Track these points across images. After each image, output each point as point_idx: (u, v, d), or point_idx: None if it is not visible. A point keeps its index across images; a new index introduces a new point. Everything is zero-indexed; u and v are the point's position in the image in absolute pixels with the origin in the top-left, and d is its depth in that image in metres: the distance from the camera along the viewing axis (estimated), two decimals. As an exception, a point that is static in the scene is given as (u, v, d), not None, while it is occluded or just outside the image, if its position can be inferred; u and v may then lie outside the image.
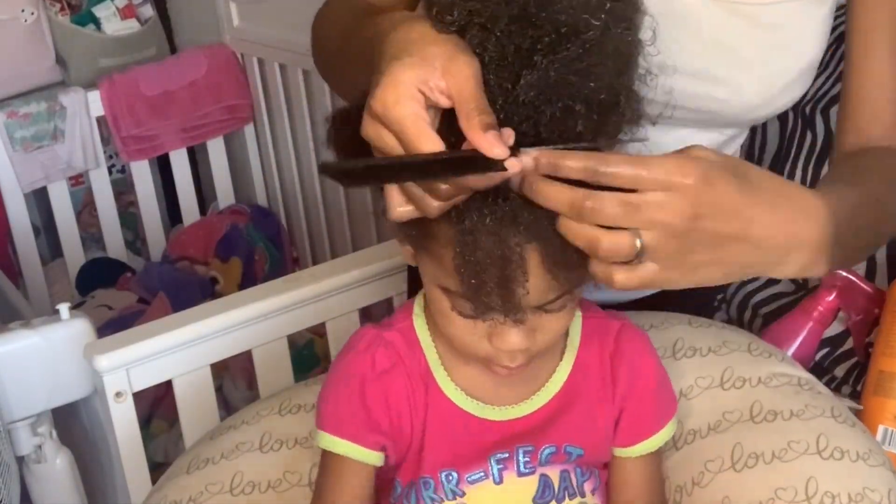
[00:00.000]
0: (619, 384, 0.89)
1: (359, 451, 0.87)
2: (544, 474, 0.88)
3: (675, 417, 0.92)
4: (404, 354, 0.87)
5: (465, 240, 0.72)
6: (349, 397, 0.87)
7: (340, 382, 0.88)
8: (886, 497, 0.90)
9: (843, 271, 1.21)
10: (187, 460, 1.07)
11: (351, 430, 0.87)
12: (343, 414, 0.88)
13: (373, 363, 0.87)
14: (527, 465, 0.87)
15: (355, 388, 0.87)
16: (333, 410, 0.88)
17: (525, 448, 0.87)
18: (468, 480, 0.87)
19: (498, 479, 0.87)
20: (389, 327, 0.89)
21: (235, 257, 2.29)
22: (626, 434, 0.90)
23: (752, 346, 1.05)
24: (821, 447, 0.93)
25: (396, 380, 0.86)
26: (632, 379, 0.90)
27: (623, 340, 0.90)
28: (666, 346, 1.05)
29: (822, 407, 0.97)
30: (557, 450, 0.88)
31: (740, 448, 0.95)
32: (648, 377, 0.90)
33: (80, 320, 1.25)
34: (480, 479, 0.87)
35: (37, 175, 2.24)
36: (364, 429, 0.87)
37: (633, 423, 0.90)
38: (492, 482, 0.87)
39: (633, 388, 0.90)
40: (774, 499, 0.90)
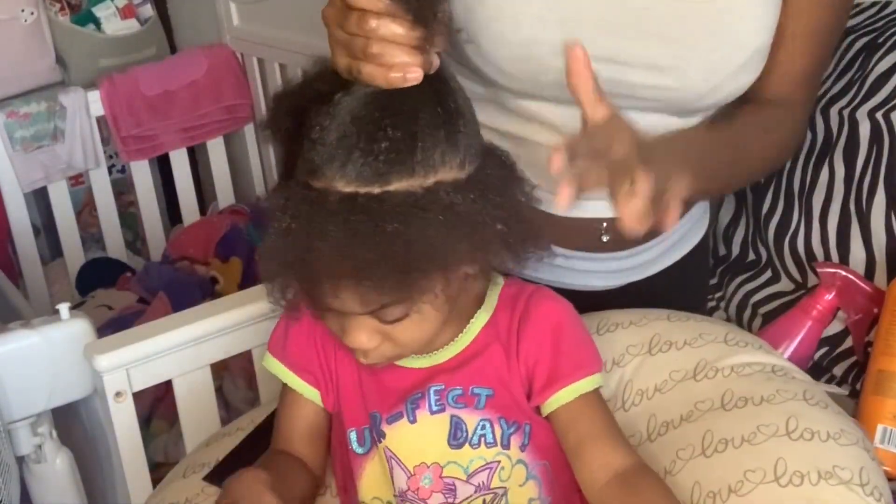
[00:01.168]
0: (522, 343, 0.93)
1: (294, 379, 0.96)
2: (455, 415, 0.92)
3: (599, 374, 0.94)
4: None
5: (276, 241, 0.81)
6: (293, 330, 0.97)
7: (282, 321, 0.98)
8: (857, 474, 0.90)
9: (842, 270, 1.21)
10: (184, 466, 1.08)
11: (290, 359, 0.97)
12: (286, 343, 0.97)
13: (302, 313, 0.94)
14: (437, 403, 0.92)
15: (298, 325, 0.96)
16: (279, 337, 0.98)
17: (435, 387, 0.92)
18: (387, 421, 0.92)
19: (412, 419, 0.92)
20: None
21: (235, 257, 2.29)
22: (540, 391, 0.92)
23: (728, 337, 1.06)
24: (790, 429, 0.94)
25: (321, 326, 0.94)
26: (537, 338, 0.93)
27: (532, 301, 0.94)
28: (643, 342, 1.06)
29: (794, 391, 0.98)
30: (464, 392, 0.92)
31: (710, 435, 0.96)
32: (557, 333, 0.93)
33: (80, 320, 1.25)
34: (397, 418, 0.92)
35: (37, 175, 2.24)
36: (300, 362, 0.96)
37: (545, 379, 0.92)
38: (407, 421, 0.92)
39: (539, 345, 0.92)
40: (744, 481, 0.91)
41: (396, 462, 0.92)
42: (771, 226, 1.39)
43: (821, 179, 1.34)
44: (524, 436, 0.92)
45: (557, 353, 0.92)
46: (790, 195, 1.38)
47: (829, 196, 1.33)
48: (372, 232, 0.78)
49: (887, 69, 1.32)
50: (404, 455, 0.92)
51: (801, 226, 1.35)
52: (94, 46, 2.43)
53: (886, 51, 1.34)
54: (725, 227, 1.52)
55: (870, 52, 1.35)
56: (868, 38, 1.37)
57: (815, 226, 1.33)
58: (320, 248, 0.78)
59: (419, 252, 0.79)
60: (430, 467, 0.91)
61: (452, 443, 0.91)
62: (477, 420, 0.92)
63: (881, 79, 1.32)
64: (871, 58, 1.35)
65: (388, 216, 0.78)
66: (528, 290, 0.96)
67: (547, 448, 0.93)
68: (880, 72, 1.33)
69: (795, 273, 1.36)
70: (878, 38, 1.36)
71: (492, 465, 0.91)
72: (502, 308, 0.94)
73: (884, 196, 1.27)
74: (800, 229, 1.35)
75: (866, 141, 1.30)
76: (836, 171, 1.33)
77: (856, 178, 1.30)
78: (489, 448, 0.91)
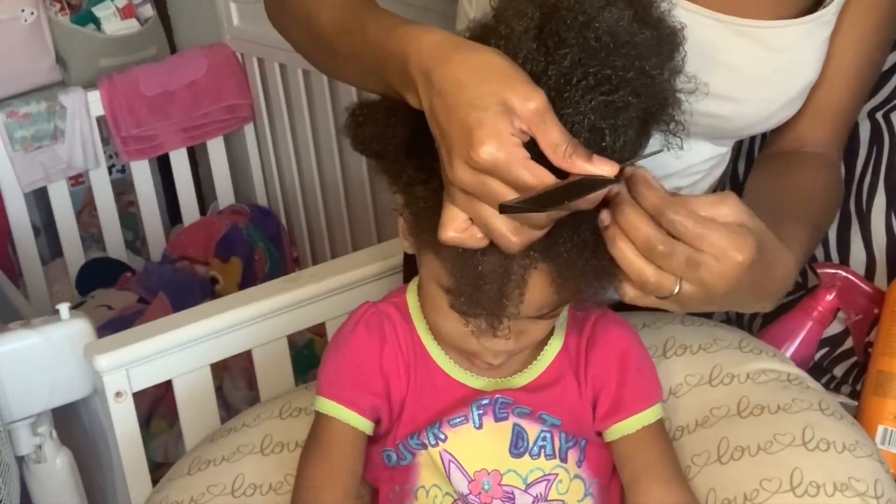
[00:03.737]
0: (591, 368, 0.93)
1: (350, 415, 0.92)
2: (518, 424, 0.92)
3: (660, 404, 0.94)
4: (397, 324, 0.93)
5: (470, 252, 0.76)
6: (345, 363, 0.93)
7: (334, 351, 0.94)
8: (872, 487, 0.91)
9: (842, 271, 1.21)
10: (188, 462, 1.07)
11: (345, 394, 0.92)
12: (339, 379, 0.93)
13: (364, 332, 0.93)
14: (501, 410, 0.91)
15: (350, 354, 0.93)
16: (330, 375, 0.94)
17: (503, 399, 0.92)
18: (450, 424, 0.91)
19: (478, 424, 0.92)
20: (385, 301, 0.96)
21: (235, 257, 2.29)
22: (603, 418, 0.93)
23: (742, 343, 1.06)
24: (806, 439, 0.94)
25: (389, 346, 0.92)
26: (604, 364, 0.93)
27: (599, 326, 0.94)
28: (657, 344, 1.06)
29: (810, 401, 0.98)
30: (532, 412, 0.92)
31: (726, 442, 0.97)
32: (624, 362, 0.93)
33: (80, 320, 1.25)
34: (461, 422, 0.91)
35: (37, 175, 2.24)
36: (358, 392, 0.92)
37: (609, 406, 0.93)
38: (472, 426, 0.91)
39: (606, 372, 0.93)
40: (759, 490, 0.91)
41: (456, 466, 0.91)
42: (771, 226, 1.39)
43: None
44: (580, 451, 0.93)
45: (623, 382, 0.93)
46: (790, 195, 1.38)
47: (829, 196, 1.33)
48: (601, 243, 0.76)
49: (887, 69, 1.32)
50: (465, 459, 0.91)
51: (801, 226, 1.35)
52: (94, 46, 2.43)
53: (886, 51, 1.34)
54: (725, 227, 1.52)
55: (870, 52, 1.35)
56: (868, 39, 1.37)
57: (815, 226, 1.33)
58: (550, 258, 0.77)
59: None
60: (490, 474, 0.91)
61: (513, 451, 0.91)
62: (538, 431, 0.92)
63: (881, 79, 1.32)
64: (871, 58, 1.34)
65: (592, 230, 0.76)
66: (594, 312, 0.95)
67: (600, 466, 0.94)
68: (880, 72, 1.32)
69: (796, 273, 1.36)
70: (878, 38, 1.36)
71: (549, 477, 0.92)
72: (570, 332, 0.94)
73: (884, 196, 1.27)
74: (800, 229, 1.35)
75: (866, 141, 1.30)
76: (837, 171, 1.33)
77: (856, 179, 1.30)
78: (548, 460, 0.92)
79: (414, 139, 0.81)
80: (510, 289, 0.77)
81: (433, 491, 0.92)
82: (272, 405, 1.11)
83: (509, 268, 0.76)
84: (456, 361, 0.93)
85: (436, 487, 0.92)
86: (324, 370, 0.95)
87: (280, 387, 1.28)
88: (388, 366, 0.92)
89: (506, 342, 0.84)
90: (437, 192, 0.78)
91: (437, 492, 0.92)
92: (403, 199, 0.84)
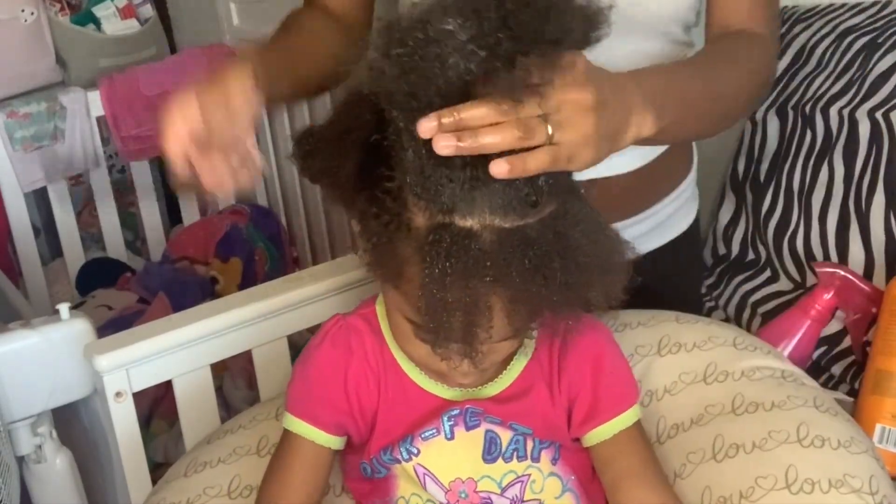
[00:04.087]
0: (564, 375, 0.93)
1: (313, 431, 0.92)
2: (490, 430, 0.92)
3: (636, 406, 0.94)
4: (366, 337, 0.93)
5: (430, 285, 0.75)
6: (309, 380, 0.93)
7: (305, 366, 0.94)
8: (867, 483, 0.91)
9: (840, 270, 1.21)
10: (184, 464, 1.07)
11: (310, 411, 0.92)
12: (303, 395, 0.93)
13: (330, 348, 0.92)
14: (472, 419, 0.91)
15: (314, 372, 0.93)
16: (295, 391, 0.94)
17: (473, 409, 0.92)
18: (422, 437, 0.91)
19: (450, 435, 0.91)
20: (354, 313, 0.95)
21: (235, 257, 2.29)
22: (580, 424, 0.93)
23: (737, 341, 1.06)
24: (801, 436, 0.94)
25: (354, 360, 0.92)
26: (578, 370, 0.93)
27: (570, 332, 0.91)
28: (652, 342, 1.06)
29: (805, 397, 0.99)
30: (503, 422, 0.92)
31: (721, 439, 0.97)
32: (597, 367, 0.93)
33: (80, 320, 1.25)
34: (433, 434, 0.91)
35: (37, 175, 2.24)
36: (321, 408, 0.92)
37: (585, 413, 0.93)
38: (443, 437, 0.91)
39: (581, 378, 0.92)
40: (755, 487, 0.91)
41: (431, 478, 0.91)
42: (770, 225, 1.40)
43: (820, 179, 1.34)
44: (555, 450, 0.93)
45: (597, 387, 0.92)
46: (790, 194, 1.38)
47: (828, 196, 1.33)
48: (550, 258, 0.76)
49: (887, 69, 1.32)
50: (439, 471, 0.91)
51: (800, 225, 1.35)
52: (94, 46, 2.43)
53: (886, 50, 1.34)
54: (725, 226, 1.52)
55: (870, 51, 1.35)
56: (868, 38, 1.37)
57: (814, 225, 1.33)
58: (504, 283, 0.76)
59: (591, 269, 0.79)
60: (465, 482, 0.91)
61: (486, 457, 0.91)
62: (511, 435, 0.92)
63: (881, 78, 1.32)
64: (870, 57, 1.35)
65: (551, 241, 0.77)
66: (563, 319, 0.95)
67: (577, 464, 0.94)
68: (880, 71, 1.33)
69: (794, 273, 1.36)
70: (878, 37, 1.36)
71: (523, 479, 0.92)
72: (541, 340, 0.94)
73: (883, 196, 1.27)
74: (799, 229, 1.35)
75: (866, 140, 1.31)
76: (836, 170, 1.33)
77: (855, 178, 1.30)
78: (520, 462, 0.92)
79: (363, 171, 0.80)
80: (476, 317, 0.77)
81: (413, 499, 0.92)
82: (268, 406, 1.12)
83: (471, 298, 0.76)
84: (426, 373, 0.92)
85: (415, 496, 0.92)
86: (290, 385, 0.95)
87: (280, 387, 1.28)
88: (355, 381, 0.92)
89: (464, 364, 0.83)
90: (387, 228, 0.78)
91: (418, 500, 0.92)
92: (360, 228, 0.84)
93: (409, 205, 0.77)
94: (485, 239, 0.75)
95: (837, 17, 1.44)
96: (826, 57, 1.41)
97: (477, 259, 0.74)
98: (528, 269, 0.75)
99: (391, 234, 0.78)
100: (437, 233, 0.75)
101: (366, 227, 0.81)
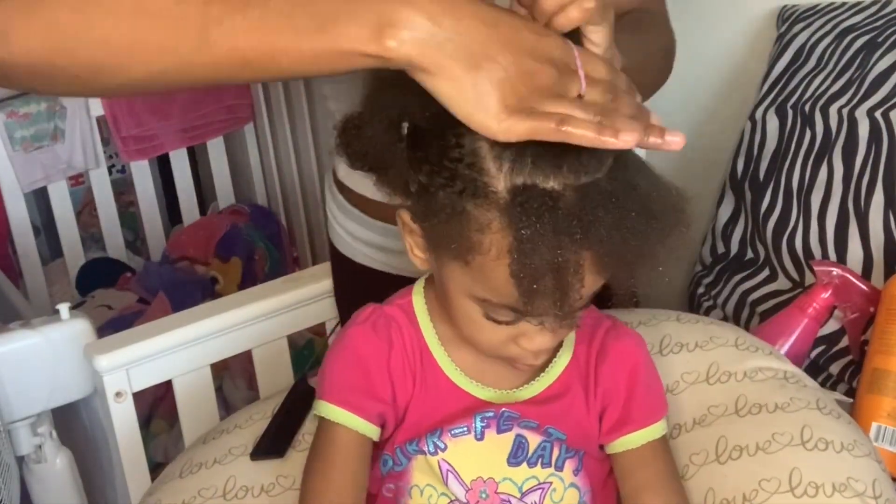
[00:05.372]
0: (600, 381, 0.92)
1: (356, 420, 0.89)
2: (521, 434, 0.90)
3: (665, 419, 0.94)
4: (403, 327, 0.90)
5: (522, 249, 0.73)
6: (348, 367, 0.90)
7: (341, 353, 0.91)
8: (871, 487, 0.91)
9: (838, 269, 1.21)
10: (180, 465, 1.07)
11: (350, 399, 0.89)
12: (343, 384, 0.90)
13: (372, 334, 0.90)
14: (505, 422, 0.90)
15: (354, 359, 0.90)
16: (333, 380, 0.91)
17: (510, 413, 0.90)
18: (451, 433, 0.90)
19: (480, 436, 0.90)
20: (390, 303, 0.92)
21: (235, 257, 2.29)
22: (609, 431, 0.92)
23: (738, 341, 1.06)
24: (805, 438, 0.94)
25: (394, 350, 0.90)
26: (614, 377, 0.92)
27: (609, 338, 0.93)
28: (653, 342, 1.06)
29: (808, 399, 0.98)
30: (539, 426, 0.90)
31: (724, 441, 0.97)
32: (633, 376, 0.92)
33: (80, 320, 1.26)
34: (463, 433, 0.90)
35: (37, 175, 2.23)
36: (363, 398, 0.89)
37: (616, 420, 0.92)
38: (473, 437, 0.90)
39: (616, 386, 0.92)
40: (758, 490, 0.91)
41: (454, 475, 0.90)
42: (769, 224, 1.40)
43: (819, 178, 1.34)
44: (578, 461, 0.92)
45: (631, 396, 0.92)
46: (789, 193, 1.38)
47: (827, 195, 1.33)
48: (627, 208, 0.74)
49: (886, 68, 1.32)
50: (463, 469, 0.90)
51: (799, 224, 1.35)
52: (94, 46, 2.42)
53: (886, 50, 1.34)
54: (724, 225, 1.52)
55: (869, 51, 1.35)
56: (867, 38, 1.37)
57: (813, 224, 1.33)
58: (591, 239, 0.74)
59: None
60: (486, 482, 0.90)
61: (511, 460, 0.90)
62: (540, 440, 0.91)
63: (880, 78, 1.32)
64: (870, 57, 1.35)
65: (624, 191, 0.75)
66: (604, 323, 0.94)
67: (594, 475, 0.93)
68: (879, 71, 1.33)
69: (793, 271, 1.36)
70: (877, 37, 1.36)
71: (544, 486, 0.91)
72: (580, 343, 0.93)
73: (882, 195, 1.27)
74: (798, 228, 1.35)
75: (865, 140, 1.31)
76: (835, 169, 1.33)
77: (854, 177, 1.30)
78: (544, 468, 0.91)
79: (419, 146, 0.78)
80: (569, 277, 0.75)
81: (427, 490, 0.91)
82: (264, 406, 1.12)
83: (562, 259, 0.74)
84: (463, 370, 0.90)
85: (430, 487, 0.91)
86: (328, 373, 0.91)
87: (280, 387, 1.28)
88: (394, 371, 0.90)
89: (548, 339, 0.83)
90: (462, 196, 0.75)
91: (432, 491, 0.91)
92: (411, 213, 0.81)
93: (486, 170, 0.74)
94: (568, 198, 0.73)
95: (837, 16, 1.44)
96: (825, 56, 1.41)
97: (564, 218, 0.73)
98: (612, 222, 0.74)
99: (465, 203, 0.75)
100: (523, 195, 0.73)
101: (428, 204, 0.77)
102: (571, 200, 0.73)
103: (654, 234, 0.76)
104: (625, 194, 0.75)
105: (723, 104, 1.61)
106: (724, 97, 1.60)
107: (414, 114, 0.77)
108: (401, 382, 0.90)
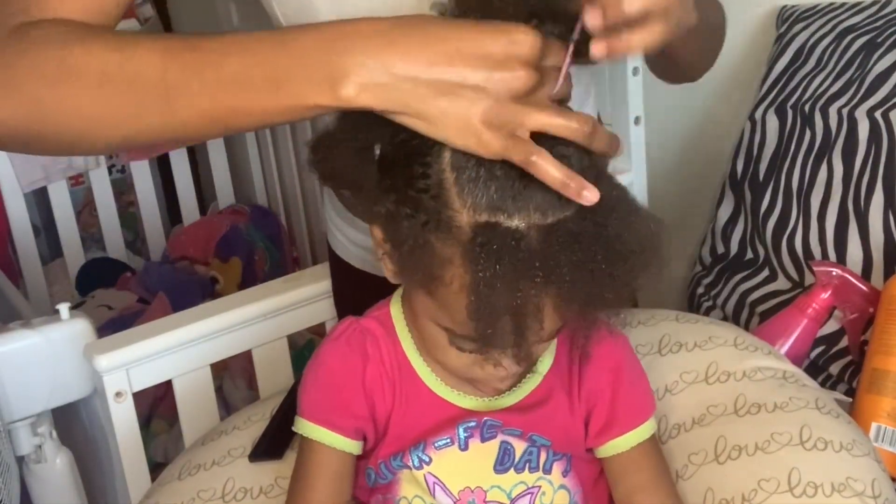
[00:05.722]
0: (584, 383, 0.91)
1: (333, 437, 0.89)
2: (506, 441, 0.90)
3: (652, 419, 0.93)
4: (380, 339, 0.89)
5: (480, 289, 0.72)
6: (325, 385, 0.90)
7: (316, 371, 0.90)
8: (870, 486, 0.91)
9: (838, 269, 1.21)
10: (178, 467, 1.07)
11: (328, 417, 0.89)
12: (318, 402, 0.90)
13: (346, 349, 0.89)
14: (489, 430, 0.89)
15: (328, 376, 0.89)
16: (310, 398, 0.90)
17: (492, 422, 0.89)
18: (435, 446, 0.89)
19: (464, 446, 0.89)
20: (367, 315, 0.91)
21: (235, 257, 2.29)
22: (597, 434, 0.91)
23: (737, 341, 1.06)
24: (804, 438, 0.94)
25: (370, 364, 0.89)
26: (598, 379, 0.91)
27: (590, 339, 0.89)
28: (652, 342, 1.06)
29: (807, 399, 0.98)
30: (523, 434, 0.90)
31: (724, 440, 0.96)
32: (616, 377, 0.91)
33: (80, 320, 1.26)
34: (446, 444, 0.89)
35: (37, 175, 2.24)
36: (338, 415, 0.89)
37: (603, 423, 0.91)
38: (457, 448, 0.89)
39: (599, 387, 0.91)
40: (757, 490, 0.91)
41: (441, 487, 0.90)
42: (769, 224, 1.40)
43: (819, 178, 1.34)
44: (566, 462, 0.91)
45: (615, 398, 0.91)
46: (789, 194, 1.38)
47: (827, 195, 1.33)
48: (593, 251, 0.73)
49: (886, 68, 1.32)
50: (449, 480, 0.90)
51: (799, 224, 1.35)
52: (94, 46, 2.42)
53: (885, 50, 1.34)
54: (724, 225, 1.52)
55: (869, 51, 1.35)
56: (867, 38, 1.37)
57: (813, 224, 1.33)
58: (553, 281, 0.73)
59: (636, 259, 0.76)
60: (473, 491, 0.90)
61: (498, 468, 0.90)
62: (525, 446, 0.90)
63: (880, 78, 1.32)
64: (870, 57, 1.35)
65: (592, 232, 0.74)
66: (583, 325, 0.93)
67: (584, 476, 0.93)
68: (879, 71, 1.33)
69: (793, 272, 1.36)
70: (877, 37, 1.36)
71: (533, 490, 0.90)
72: (561, 347, 0.92)
73: (882, 195, 1.27)
74: (798, 228, 1.35)
75: (865, 140, 1.31)
76: (835, 169, 1.33)
77: (854, 178, 1.30)
78: (532, 473, 0.90)
79: (389, 173, 0.77)
80: (528, 320, 0.74)
81: (416, 501, 0.90)
82: (263, 407, 1.12)
83: (522, 301, 0.73)
84: (443, 379, 0.89)
85: (418, 498, 0.90)
86: (305, 391, 0.91)
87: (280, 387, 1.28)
88: (372, 385, 0.89)
89: (514, 366, 0.81)
90: (425, 228, 0.74)
91: (420, 502, 0.90)
92: (383, 234, 0.80)
93: (450, 203, 0.74)
94: (531, 238, 0.73)
95: (837, 16, 1.44)
96: (825, 56, 1.41)
97: (526, 259, 0.72)
98: (575, 265, 0.73)
99: (428, 236, 0.74)
100: (485, 233, 0.72)
101: (395, 230, 0.77)
102: (534, 241, 0.72)
103: (621, 277, 0.75)
104: (591, 236, 0.74)
105: (723, 104, 1.61)
106: (723, 97, 1.60)
107: (384, 137, 0.77)
108: (379, 396, 0.89)
